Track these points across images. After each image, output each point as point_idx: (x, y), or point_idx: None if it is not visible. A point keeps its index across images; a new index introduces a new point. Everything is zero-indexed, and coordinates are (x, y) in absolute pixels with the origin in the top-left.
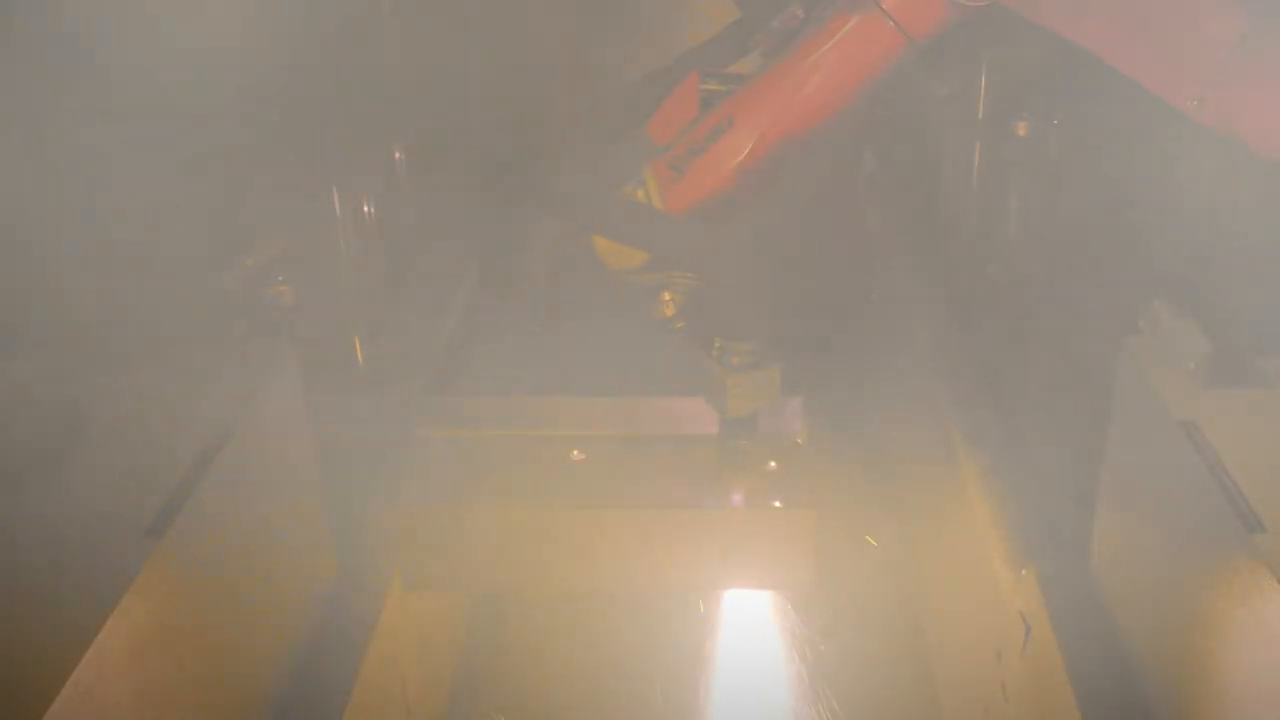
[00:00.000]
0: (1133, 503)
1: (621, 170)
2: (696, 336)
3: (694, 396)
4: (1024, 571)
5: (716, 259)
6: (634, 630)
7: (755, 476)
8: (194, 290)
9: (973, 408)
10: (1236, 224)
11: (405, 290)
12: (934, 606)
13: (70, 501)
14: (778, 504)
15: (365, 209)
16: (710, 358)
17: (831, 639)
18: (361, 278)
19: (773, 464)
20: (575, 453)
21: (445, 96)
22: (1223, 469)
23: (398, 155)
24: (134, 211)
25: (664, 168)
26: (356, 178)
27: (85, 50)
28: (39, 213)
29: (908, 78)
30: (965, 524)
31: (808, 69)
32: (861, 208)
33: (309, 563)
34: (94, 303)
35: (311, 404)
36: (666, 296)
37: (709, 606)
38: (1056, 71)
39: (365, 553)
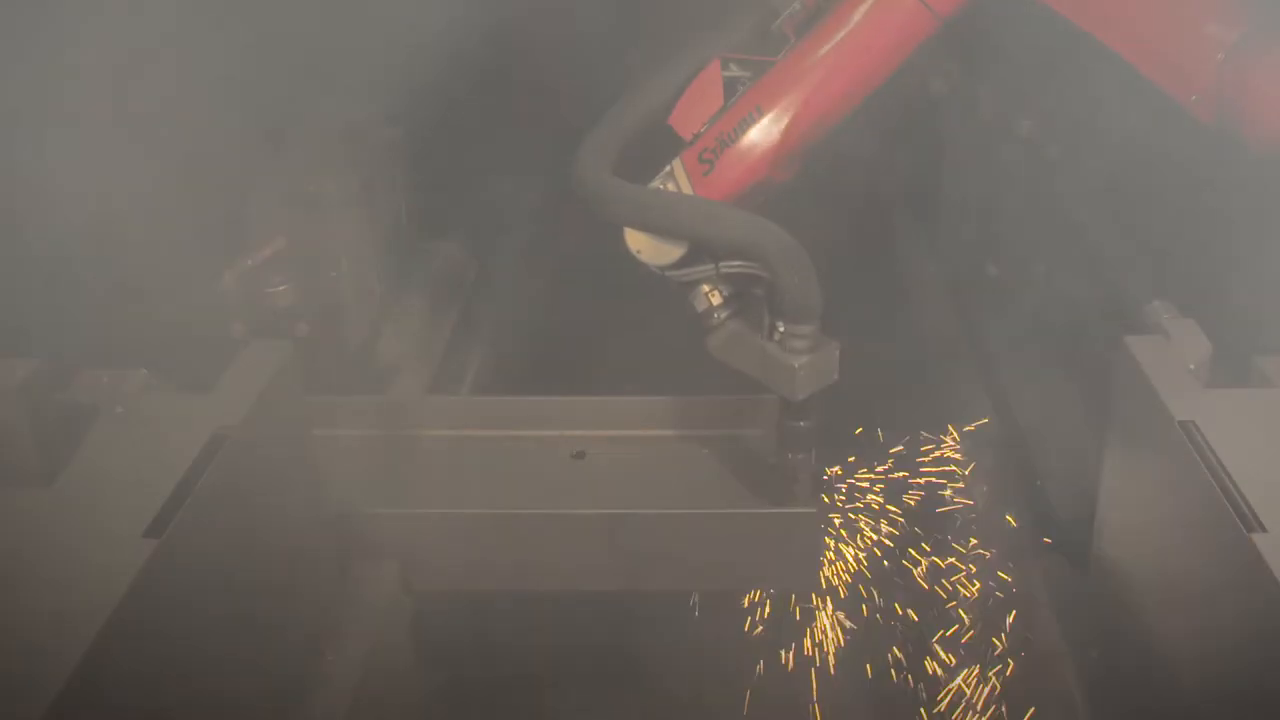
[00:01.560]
0: (1133, 503)
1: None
2: (745, 324)
3: (694, 396)
4: (1025, 571)
5: (783, 245)
6: (634, 630)
7: (755, 477)
8: (194, 290)
9: (973, 407)
10: (1236, 223)
11: (405, 290)
12: (936, 605)
13: (70, 501)
14: (778, 504)
15: (365, 204)
16: (773, 344)
17: (832, 638)
18: (361, 277)
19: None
20: (575, 453)
21: (446, 89)
22: (1223, 469)
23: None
24: (134, 212)
25: (694, 160)
26: (357, 174)
27: (81, 48)
28: (39, 212)
29: (907, 77)
30: (966, 524)
31: (832, 52)
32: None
33: (309, 563)
34: (94, 303)
35: (311, 404)
36: (706, 288)
37: (709, 606)
38: (1056, 71)
39: (365, 553)
